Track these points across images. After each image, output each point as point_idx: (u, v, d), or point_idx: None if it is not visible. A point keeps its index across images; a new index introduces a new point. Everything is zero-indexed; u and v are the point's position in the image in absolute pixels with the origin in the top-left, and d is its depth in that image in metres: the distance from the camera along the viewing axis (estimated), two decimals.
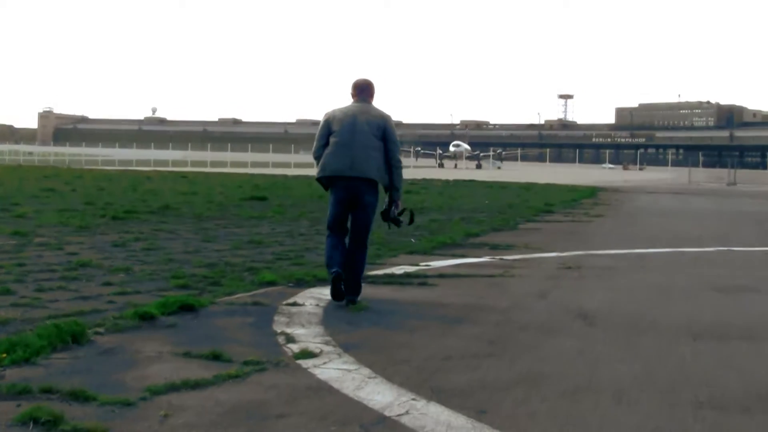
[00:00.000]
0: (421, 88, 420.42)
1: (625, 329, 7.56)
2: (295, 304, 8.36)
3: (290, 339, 6.68)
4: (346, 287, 8.30)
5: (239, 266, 11.16)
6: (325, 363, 5.90)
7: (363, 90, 8.61)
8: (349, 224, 8.59)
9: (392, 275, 10.64)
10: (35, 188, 28.91)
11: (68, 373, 5.54)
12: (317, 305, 8.36)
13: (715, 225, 21.59)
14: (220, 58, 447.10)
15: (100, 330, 6.79)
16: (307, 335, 6.86)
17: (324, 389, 5.35)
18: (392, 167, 8.46)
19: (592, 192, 40.08)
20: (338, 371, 5.74)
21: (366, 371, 5.74)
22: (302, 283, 9.80)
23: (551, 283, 10.45)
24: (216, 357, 5.96)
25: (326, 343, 6.58)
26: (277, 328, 7.12)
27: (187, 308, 7.73)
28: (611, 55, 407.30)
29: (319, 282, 9.91)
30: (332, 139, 8.31)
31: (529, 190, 40.11)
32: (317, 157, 8.52)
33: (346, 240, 8.57)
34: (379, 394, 5.21)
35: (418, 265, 11.84)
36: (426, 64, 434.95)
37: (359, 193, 8.33)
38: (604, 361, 6.31)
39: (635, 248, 14.94)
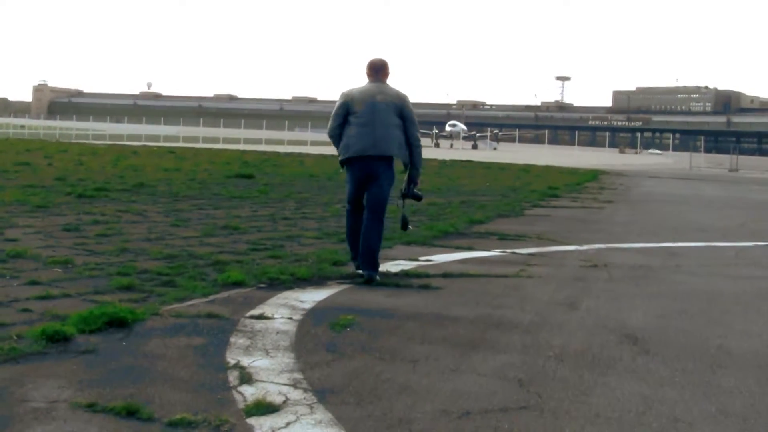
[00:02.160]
0: (418, 67, 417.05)
1: (691, 360, 5.75)
2: (261, 316, 6.52)
3: (246, 377, 4.82)
4: (364, 263, 8.40)
5: (204, 259, 9.36)
6: (288, 425, 4.04)
7: (378, 70, 8.59)
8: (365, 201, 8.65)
9: (387, 274, 8.82)
10: (9, 162, 27.02)
11: None
12: (290, 318, 6.52)
13: (738, 216, 19.78)
14: (218, 34, 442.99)
15: None
16: (270, 370, 5.01)
17: None
18: (412, 146, 8.54)
19: (593, 175, 38.39)
20: None
21: None
22: (276, 284, 7.99)
23: (579, 287, 8.64)
24: (131, 413, 4.08)
25: (294, 384, 4.74)
26: (232, 357, 5.27)
27: (117, 323, 5.90)
28: (609, 39, 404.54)
29: (297, 282, 8.11)
30: (353, 120, 8.38)
31: (529, 172, 38.53)
32: (332, 136, 8.62)
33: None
34: None
35: (417, 259, 10.04)
36: (423, 43, 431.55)
37: (375, 170, 8.40)
38: (684, 418, 4.50)
39: (661, 242, 13.15)
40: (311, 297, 7.46)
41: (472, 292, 8.03)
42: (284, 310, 6.83)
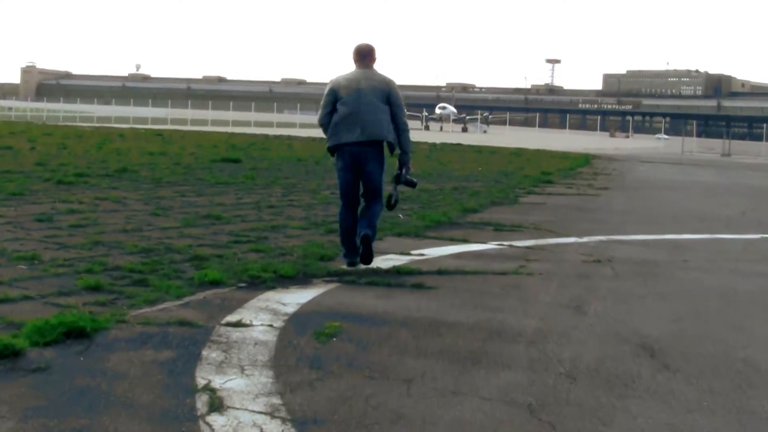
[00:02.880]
0: (408, 49, 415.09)
1: (717, 378, 5.16)
2: (239, 323, 5.89)
3: (216, 403, 4.19)
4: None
5: (182, 253, 8.74)
6: None
7: (365, 56, 8.54)
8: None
9: (377, 271, 8.21)
10: None
11: None
12: (270, 326, 5.89)
13: (737, 203, 19.24)
14: (207, 15, 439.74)
15: None
16: (244, 393, 4.39)
17: None
18: (400, 131, 8.47)
19: (586, 160, 37.86)
20: None
21: None
22: (257, 283, 7.37)
23: (583, 285, 8.04)
24: None
25: (272, 412, 4.12)
26: (202, 376, 4.65)
27: (76, 334, 5.27)
28: (600, 21, 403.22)
29: (280, 281, 7.50)
30: (340, 107, 8.33)
31: (520, 156, 38.00)
32: (323, 125, 8.56)
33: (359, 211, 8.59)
34: None
35: (409, 253, 9.43)
36: (413, 25, 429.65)
37: (365, 157, 8.35)
38: None
39: (664, 233, 12.57)
40: (295, 299, 6.85)
41: (470, 292, 7.43)
42: (265, 315, 6.21)
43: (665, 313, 6.96)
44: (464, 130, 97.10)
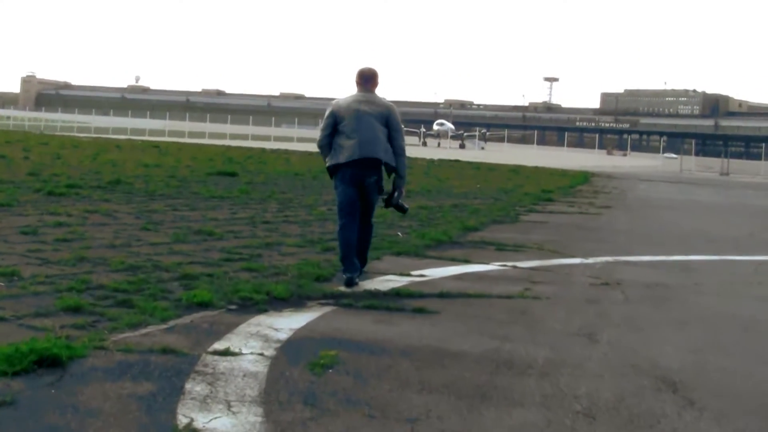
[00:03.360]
0: (406, 65, 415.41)
1: (748, 418, 4.73)
2: (227, 351, 5.44)
3: None
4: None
5: (171, 271, 8.31)
6: None
7: (368, 80, 8.60)
8: None
9: (376, 293, 7.78)
10: None
11: None
12: (261, 354, 5.44)
13: (743, 224, 18.83)
14: (207, 28, 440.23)
15: None
16: None
17: None
18: (396, 155, 8.50)
19: (585, 178, 37.45)
20: None
21: None
22: (249, 305, 6.94)
23: (593, 311, 7.61)
24: None
25: None
26: (184, 414, 4.20)
27: (49, 362, 4.83)
28: (598, 40, 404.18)
29: (273, 303, 7.06)
30: (341, 129, 8.37)
31: (519, 173, 37.63)
32: (321, 147, 8.61)
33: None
34: None
35: (409, 274, 8.99)
36: (412, 42, 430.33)
37: (364, 174, 8.36)
38: None
39: (670, 254, 12.15)
40: (288, 323, 6.41)
41: (474, 318, 6.99)
42: (255, 342, 5.77)
43: (683, 343, 6.53)
44: (462, 146, 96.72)
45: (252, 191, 18.63)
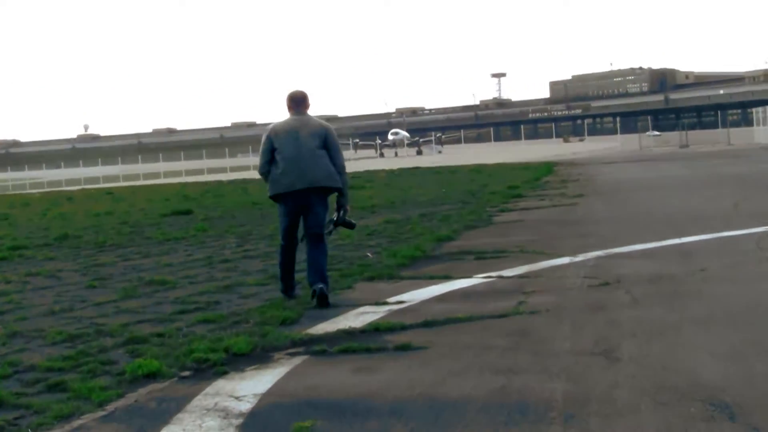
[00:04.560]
0: (353, 79, 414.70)
1: None
2: None
3: None
4: (316, 281, 8.21)
5: (116, 335, 7.25)
6: None
7: (299, 102, 8.64)
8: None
9: (352, 332, 6.75)
10: None
11: None
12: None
13: (724, 196, 18.00)
14: (150, 68, 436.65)
15: None
16: None
17: None
18: (338, 173, 8.52)
19: (548, 168, 36.65)
20: None
21: None
22: (205, 368, 5.89)
23: (602, 320, 6.63)
24: None
25: None
26: None
27: None
28: (541, 31, 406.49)
29: (233, 361, 6.03)
30: (278, 156, 8.40)
31: (481, 173, 36.76)
32: (263, 174, 8.66)
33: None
34: None
35: (386, 302, 7.97)
36: (355, 54, 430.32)
37: (308, 201, 8.38)
38: None
39: (663, 239, 11.24)
40: (252, 387, 5.37)
41: (470, 348, 5.98)
42: (213, 420, 4.71)
43: (717, 348, 5.57)
44: (419, 153, 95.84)
45: (209, 228, 17.54)
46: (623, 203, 17.78)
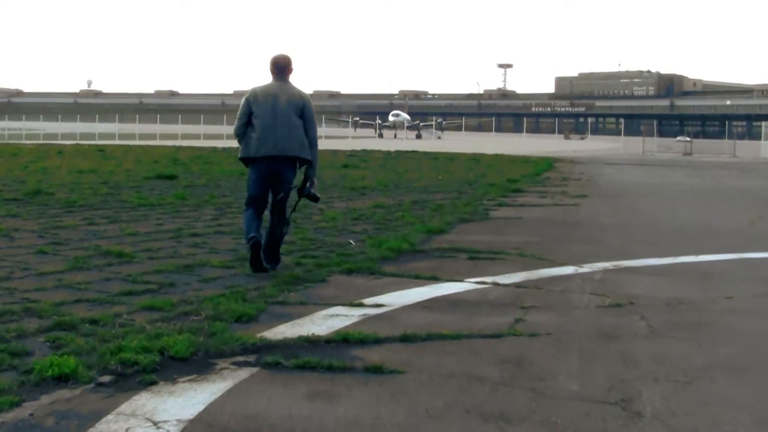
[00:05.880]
0: (359, 57, 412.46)
1: None
2: None
3: None
4: (266, 257, 8.41)
5: (44, 317, 6.23)
6: None
7: (282, 68, 8.63)
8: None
9: (314, 341, 5.63)
10: None
11: None
12: None
13: (737, 211, 16.92)
14: (157, 28, 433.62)
15: None
16: None
17: None
18: (310, 146, 8.55)
19: (549, 164, 35.59)
20: None
21: None
22: (129, 374, 4.82)
23: (615, 354, 5.51)
24: None
25: None
26: None
27: None
28: (551, 24, 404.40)
29: (165, 368, 4.94)
30: (255, 121, 8.45)
31: (479, 162, 35.75)
32: (238, 135, 8.67)
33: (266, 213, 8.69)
34: None
35: (361, 304, 6.88)
36: (364, 33, 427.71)
37: (279, 170, 8.41)
38: None
39: (677, 254, 10.14)
40: (178, 409, 4.26)
41: (454, 378, 4.85)
42: None
43: (761, 406, 4.47)
44: (418, 137, 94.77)
45: (189, 196, 16.47)
46: (629, 209, 16.67)
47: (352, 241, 10.58)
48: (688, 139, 79.61)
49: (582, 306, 7.03)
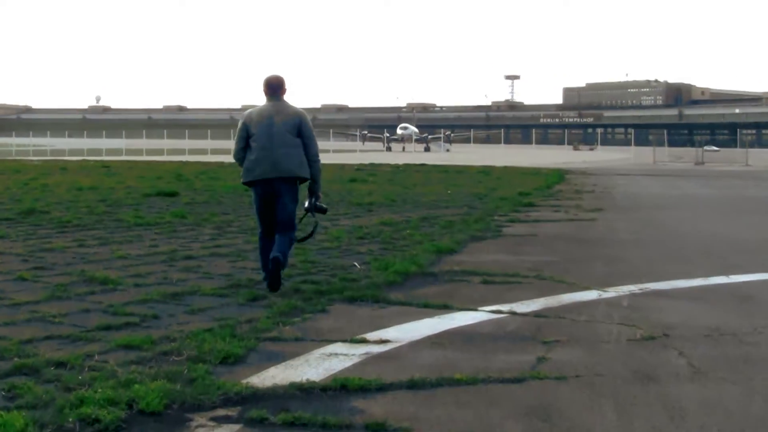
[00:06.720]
0: (367, 70, 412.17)
1: None
2: None
3: None
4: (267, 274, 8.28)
5: (6, 357, 5.49)
6: None
7: (276, 89, 8.61)
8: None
9: (308, 389, 4.88)
10: None
11: None
12: None
13: (761, 222, 16.16)
14: (166, 44, 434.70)
15: None
16: None
17: None
18: (311, 162, 8.53)
19: (560, 176, 34.82)
20: None
21: None
22: None
23: (655, 403, 4.74)
24: None
25: None
26: None
27: None
28: (558, 35, 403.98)
29: (134, 426, 4.19)
30: (252, 143, 8.42)
31: (489, 175, 34.94)
32: (238, 160, 8.65)
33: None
34: None
35: (364, 340, 6.14)
36: (371, 47, 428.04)
37: (278, 190, 8.39)
38: None
39: (708, 274, 9.37)
40: None
41: None
42: None
43: None
44: (427, 149, 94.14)
45: (189, 214, 15.77)
46: (649, 223, 15.88)
47: (356, 264, 9.86)
48: (716, 148, 78.24)
49: (611, 339, 6.26)
